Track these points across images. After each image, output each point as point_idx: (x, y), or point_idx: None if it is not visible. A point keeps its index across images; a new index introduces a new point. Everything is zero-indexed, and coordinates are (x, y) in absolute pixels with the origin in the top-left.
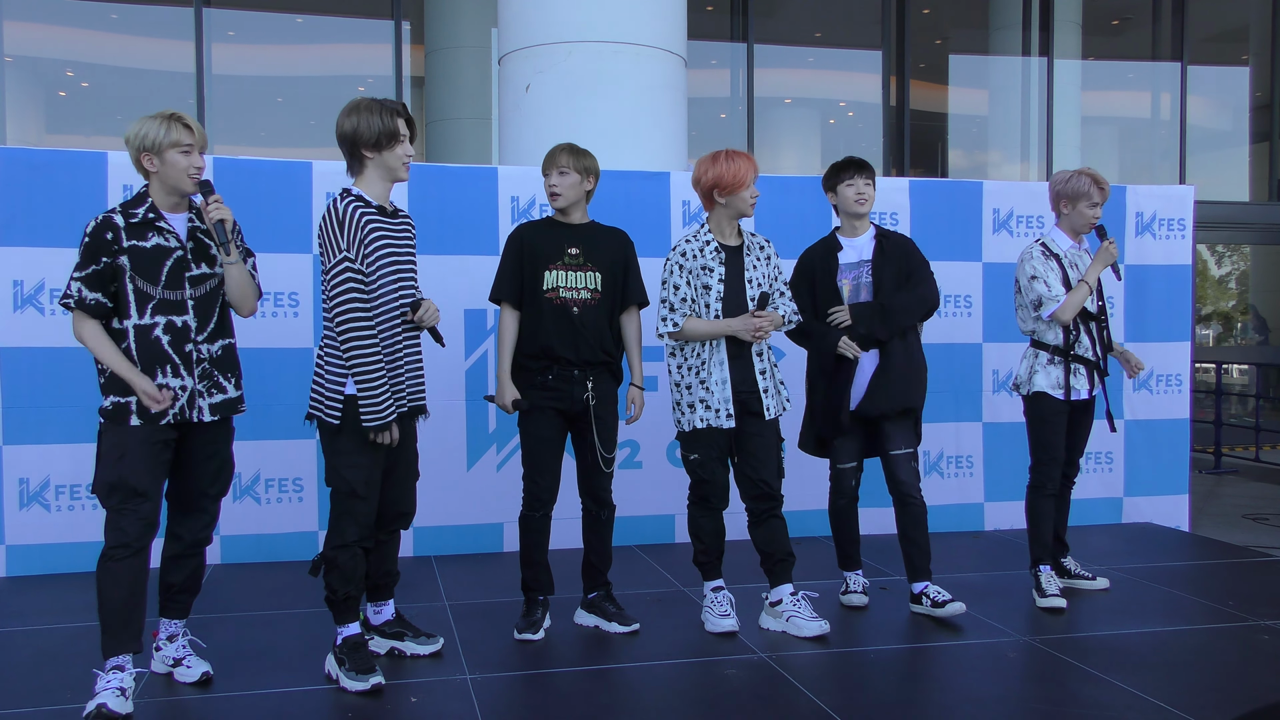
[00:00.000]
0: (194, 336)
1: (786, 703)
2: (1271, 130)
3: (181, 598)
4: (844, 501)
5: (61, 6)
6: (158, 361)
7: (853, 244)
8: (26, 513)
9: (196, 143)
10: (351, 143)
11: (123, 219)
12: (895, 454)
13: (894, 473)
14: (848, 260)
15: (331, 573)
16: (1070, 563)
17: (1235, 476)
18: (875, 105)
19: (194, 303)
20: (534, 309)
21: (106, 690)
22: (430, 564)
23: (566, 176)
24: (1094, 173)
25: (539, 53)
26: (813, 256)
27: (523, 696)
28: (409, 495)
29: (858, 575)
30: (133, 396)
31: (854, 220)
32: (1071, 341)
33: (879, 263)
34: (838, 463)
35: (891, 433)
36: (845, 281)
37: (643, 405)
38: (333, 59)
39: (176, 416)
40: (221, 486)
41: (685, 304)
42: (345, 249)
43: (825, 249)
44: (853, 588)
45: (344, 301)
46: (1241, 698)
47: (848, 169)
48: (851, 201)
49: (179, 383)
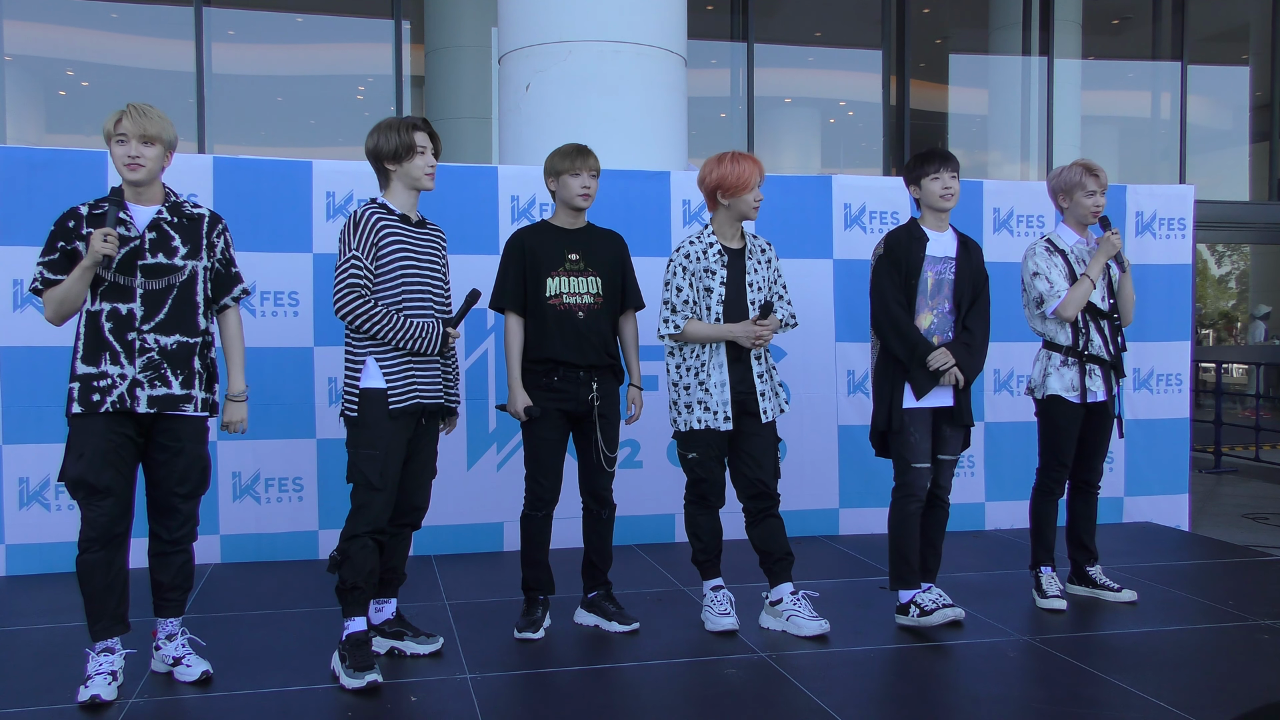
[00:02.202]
0: (138, 325)
1: (786, 702)
2: (1271, 130)
3: (173, 595)
4: (915, 505)
5: (61, 6)
6: (100, 348)
7: (938, 238)
8: (26, 512)
9: (131, 132)
10: (375, 158)
11: (87, 209)
12: (945, 459)
13: (938, 476)
14: (934, 253)
15: (343, 564)
16: (1097, 572)
17: (1235, 476)
18: (875, 105)
19: (143, 292)
20: (538, 315)
21: (98, 676)
22: (430, 564)
23: (595, 179)
24: (1086, 161)
25: (539, 52)
26: (899, 242)
27: (523, 696)
28: (424, 491)
29: (934, 590)
30: (75, 383)
31: (938, 215)
32: (1082, 341)
33: (963, 264)
34: (914, 461)
35: (950, 438)
36: (930, 274)
37: (642, 405)
38: (333, 59)
39: (115, 405)
40: (192, 487)
41: (687, 306)
42: (355, 249)
43: (910, 236)
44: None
45: (346, 289)
46: (1241, 698)
47: (933, 161)
48: (937, 196)
49: (118, 370)
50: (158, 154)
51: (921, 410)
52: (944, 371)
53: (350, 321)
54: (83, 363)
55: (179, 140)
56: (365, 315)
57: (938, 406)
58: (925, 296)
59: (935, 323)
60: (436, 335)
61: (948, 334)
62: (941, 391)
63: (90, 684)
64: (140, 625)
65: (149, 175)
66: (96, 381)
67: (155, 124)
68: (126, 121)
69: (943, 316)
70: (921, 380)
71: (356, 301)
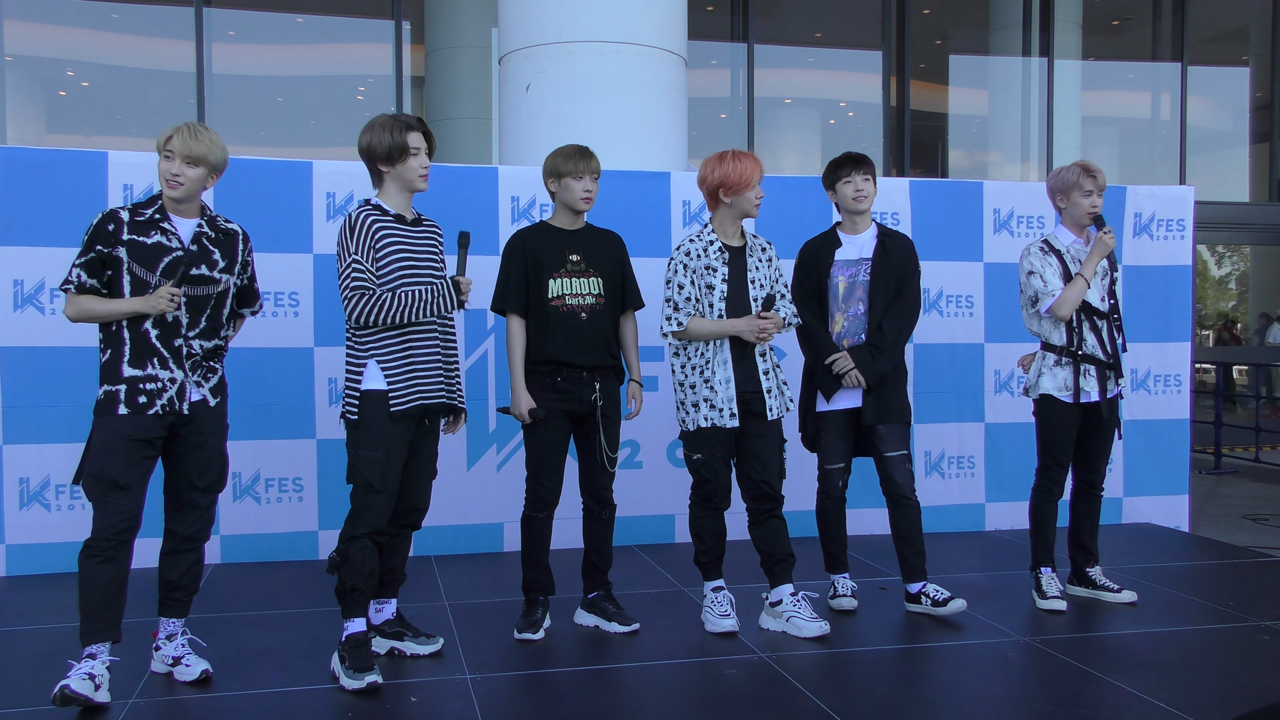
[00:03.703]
0: (184, 332)
1: (786, 703)
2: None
3: (180, 595)
4: (831, 502)
5: (61, 6)
6: (148, 353)
7: (853, 241)
8: (26, 512)
9: (179, 151)
10: (368, 158)
11: (128, 214)
12: (890, 456)
13: (889, 474)
14: (846, 257)
15: (342, 565)
16: (1097, 573)
17: (1235, 476)
18: (875, 105)
19: (186, 300)
20: (540, 317)
21: (73, 675)
22: (430, 564)
23: (596, 182)
24: (1084, 162)
25: (539, 53)
26: (810, 250)
27: (523, 696)
28: (424, 491)
29: (845, 579)
30: (121, 385)
31: (854, 217)
32: (1076, 340)
33: (879, 262)
34: (826, 463)
35: (886, 435)
36: (841, 278)
37: (642, 401)
38: (333, 59)
39: (165, 408)
40: (211, 480)
41: (690, 303)
42: (354, 252)
43: (823, 243)
44: (841, 591)
45: (354, 294)
46: (1241, 698)
47: (845, 166)
48: (850, 199)
49: (168, 374)
50: (200, 175)
51: (834, 413)
52: (844, 374)
53: (369, 323)
54: (130, 366)
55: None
56: (379, 310)
57: (852, 408)
58: (837, 300)
59: (847, 326)
60: (449, 291)
61: (859, 336)
62: (849, 393)
63: (64, 679)
64: (141, 625)
65: (187, 195)
66: (144, 384)
67: (203, 146)
68: (176, 140)
69: (855, 319)
70: (826, 383)
71: (365, 303)
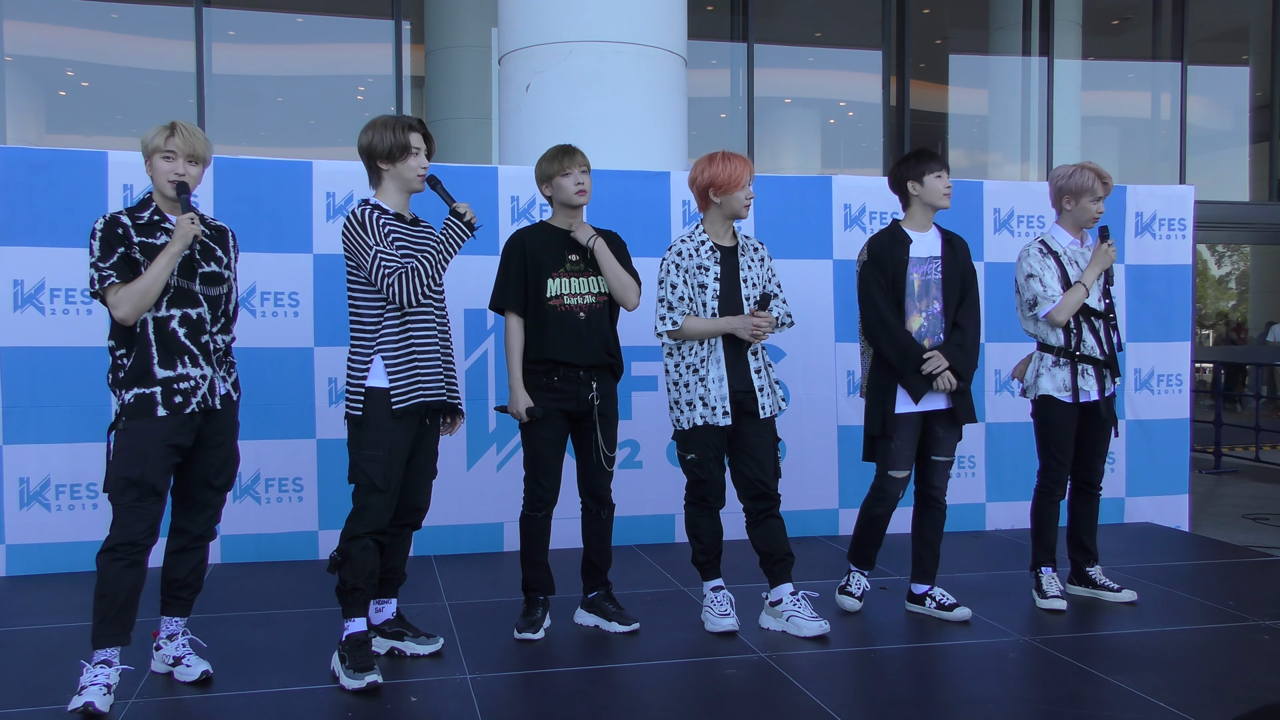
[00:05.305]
0: (209, 329)
1: (786, 703)
2: (1271, 130)
3: (184, 594)
4: (883, 510)
5: (61, 6)
6: (177, 351)
7: (921, 238)
8: (26, 512)
9: (181, 150)
10: (368, 156)
11: (128, 219)
12: (939, 460)
13: (931, 477)
14: (918, 254)
15: (343, 564)
16: (1097, 573)
17: (1235, 476)
18: (875, 105)
19: (205, 297)
20: (538, 316)
21: (93, 686)
22: (430, 564)
23: (588, 174)
24: (1096, 167)
25: (539, 53)
26: (884, 246)
27: (523, 696)
28: (424, 491)
29: (862, 576)
30: (155, 387)
31: (926, 215)
32: (1074, 341)
33: (949, 262)
34: (892, 469)
35: (945, 439)
36: (915, 276)
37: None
38: (333, 59)
39: (200, 405)
40: (226, 479)
41: (683, 302)
42: (374, 243)
43: (893, 240)
44: (852, 587)
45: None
46: (1241, 698)
47: (932, 160)
48: (940, 194)
49: (199, 372)
50: (199, 172)
51: (912, 415)
52: (938, 375)
53: (419, 299)
54: (160, 367)
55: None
56: (419, 278)
57: (932, 410)
58: (913, 299)
59: (925, 325)
60: (455, 223)
61: (938, 335)
62: (934, 395)
63: (84, 693)
64: (141, 625)
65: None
66: (178, 384)
67: (201, 144)
68: (178, 139)
69: (933, 318)
70: (916, 385)
71: (407, 281)
